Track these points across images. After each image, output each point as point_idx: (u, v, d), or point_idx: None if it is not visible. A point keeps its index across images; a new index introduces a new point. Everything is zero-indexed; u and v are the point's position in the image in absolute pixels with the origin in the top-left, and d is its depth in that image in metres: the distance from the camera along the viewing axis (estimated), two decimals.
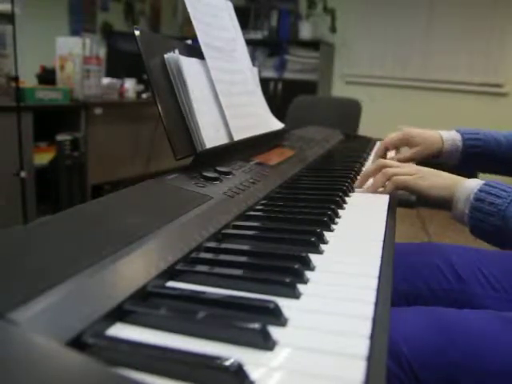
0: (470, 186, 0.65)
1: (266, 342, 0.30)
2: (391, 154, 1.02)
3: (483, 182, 0.64)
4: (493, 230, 0.61)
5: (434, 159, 0.96)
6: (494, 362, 0.55)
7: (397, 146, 1.00)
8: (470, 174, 0.85)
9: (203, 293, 0.37)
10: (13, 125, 1.84)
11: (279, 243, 0.51)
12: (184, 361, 0.27)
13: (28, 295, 0.29)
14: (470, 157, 0.94)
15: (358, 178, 0.83)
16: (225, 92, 0.82)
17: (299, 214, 0.60)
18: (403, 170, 0.73)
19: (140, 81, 2.79)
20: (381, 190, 0.76)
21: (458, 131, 0.95)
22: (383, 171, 0.75)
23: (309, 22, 3.98)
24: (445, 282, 0.78)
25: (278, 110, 1.38)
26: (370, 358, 0.30)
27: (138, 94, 2.77)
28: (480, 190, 0.63)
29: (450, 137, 0.94)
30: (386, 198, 0.73)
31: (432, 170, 0.72)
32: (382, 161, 0.79)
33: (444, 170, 0.73)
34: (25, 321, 0.27)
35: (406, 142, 0.96)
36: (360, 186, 0.80)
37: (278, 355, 0.30)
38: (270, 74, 3.92)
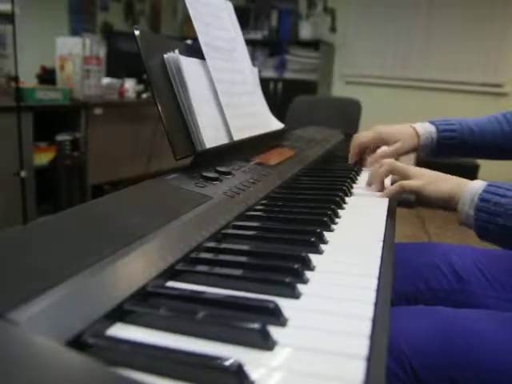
0: (474, 187, 0.64)
1: (265, 342, 0.30)
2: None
3: (487, 182, 0.63)
4: (499, 230, 0.60)
5: (409, 153, 0.98)
6: (494, 362, 0.55)
7: (373, 146, 0.99)
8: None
9: (203, 293, 0.37)
10: (13, 125, 1.84)
11: (279, 243, 0.51)
12: (184, 361, 0.27)
13: (28, 295, 0.29)
14: (445, 147, 0.96)
15: (368, 179, 0.81)
16: (225, 92, 0.82)
17: (299, 214, 0.60)
18: (414, 180, 0.71)
19: (140, 81, 2.79)
20: (386, 191, 0.75)
21: (432, 123, 0.96)
22: (399, 183, 0.73)
23: (309, 22, 3.98)
24: (445, 281, 0.78)
25: (278, 110, 1.38)
26: (370, 358, 0.30)
27: (138, 94, 2.77)
28: (485, 191, 0.62)
29: (425, 130, 0.95)
30: (385, 198, 0.73)
31: (439, 173, 0.71)
32: (392, 162, 0.76)
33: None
34: (25, 321, 0.27)
35: (380, 141, 0.97)
36: (378, 190, 0.77)
37: (277, 355, 0.30)
38: (269, 74, 3.92)
